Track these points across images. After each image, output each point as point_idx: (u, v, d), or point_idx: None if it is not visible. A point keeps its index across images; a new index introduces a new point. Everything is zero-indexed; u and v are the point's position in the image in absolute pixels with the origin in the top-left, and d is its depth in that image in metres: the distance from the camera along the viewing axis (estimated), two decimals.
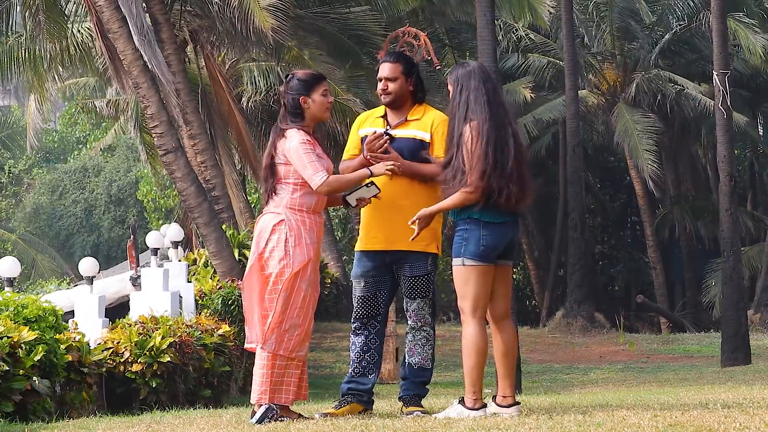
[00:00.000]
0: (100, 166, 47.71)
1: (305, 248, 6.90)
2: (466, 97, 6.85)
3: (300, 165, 6.88)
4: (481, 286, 6.81)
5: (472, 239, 6.79)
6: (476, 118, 6.79)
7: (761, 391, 9.64)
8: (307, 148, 6.88)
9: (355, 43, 22.86)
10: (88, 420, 8.24)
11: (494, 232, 6.81)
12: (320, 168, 6.86)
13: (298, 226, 6.91)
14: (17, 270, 13.90)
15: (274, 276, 6.86)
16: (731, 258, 19.88)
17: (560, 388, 16.87)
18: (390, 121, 7.33)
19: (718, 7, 20.03)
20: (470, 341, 6.81)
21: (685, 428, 5.85)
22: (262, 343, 6.86)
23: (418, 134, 7.25)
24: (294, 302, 6.88)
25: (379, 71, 7.37)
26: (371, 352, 7.32)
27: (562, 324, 27.72)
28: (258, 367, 6.89)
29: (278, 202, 6.97)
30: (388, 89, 7.29)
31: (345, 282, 28.76)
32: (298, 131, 6.94)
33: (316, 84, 7.04)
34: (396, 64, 7.32)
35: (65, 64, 23.39)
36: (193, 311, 16.00)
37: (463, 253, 6.80)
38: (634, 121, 31.09)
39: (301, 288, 6.90)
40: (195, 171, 18.44)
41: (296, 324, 6.89)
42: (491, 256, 6.81)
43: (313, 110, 7.02)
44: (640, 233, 37.10)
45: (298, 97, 6.99)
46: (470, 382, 6.81)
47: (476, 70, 6.93)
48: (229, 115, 23.33)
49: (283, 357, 6.87)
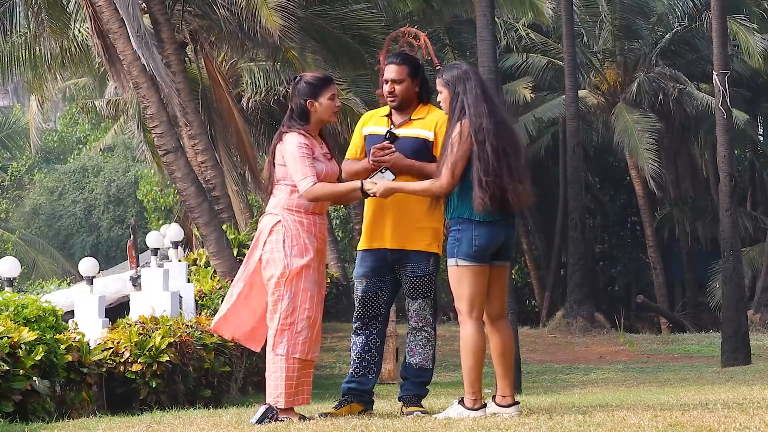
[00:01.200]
0: (100, 166, 47.70)
1: (303, 248, 6.87)
2: (462, 98, 6.85)
3: (292, 168, 6.87)
4: (475, 287, 6.81)
5: (465, 239, 6.79)
6: (470, 118, 6.80)
7: (761, 391, 9.64)
8: (302, 152, 6.85)
9: (357, 42, 22.85)
10: (88, 420, 8.24)
11: (487, 231, 6.79)
12: (309, 174, 6.82)
13: (295, 227, 6.89)
14: (17, 270, 13.91)
15: (275, 278, 6.85)
16: (731, 258, 19.89)
17: (560, 388, 16.87)
18: (394, 121, 7.31)
19: (718, 7, 20.04)
20: (468, 342, 6.82)
21: (685, 428, 5.85)
22: (273, 346, 6.84)
23: (421, 133, 7.23)
24: (302, 303, 6.85)
25: (385, 73, 7.31)
26: (372, 353, 7.31)
27: (562, 324, 27.72)
28: (272, 370, 6.84)
29: (276, 203, 6.96)
30: (395, 91, 7.25)
31: (345, 282, 28.76)
32: (297, 134, 6.92)
33: (324, 88, 6.99)
34: (402, 66, 7.27)
35: (65, 64, 23.39)
36: (193, 311, 16.00)
37: (456, 253, 6.81)
38: (634, 121, 31.08)
39: (306, 289, 6.87)
40: (195, 171, 18.44)
41: (307, 326, 6.87)
42: (484, 257, 6.81)
43: (319, 114, 6.99)
44: (640, 233, 37.09)
45: (305, 101, 6.96)
46: (469, 383, 6.82)
47: (470, 71, 6.94)
48: (229, 115, 23.32)
49: (299, 360, 6.85)
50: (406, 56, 7.42)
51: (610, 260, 38.53)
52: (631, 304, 35.55)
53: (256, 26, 19.51)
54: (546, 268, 35.89)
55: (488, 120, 6.78)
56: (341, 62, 23.06)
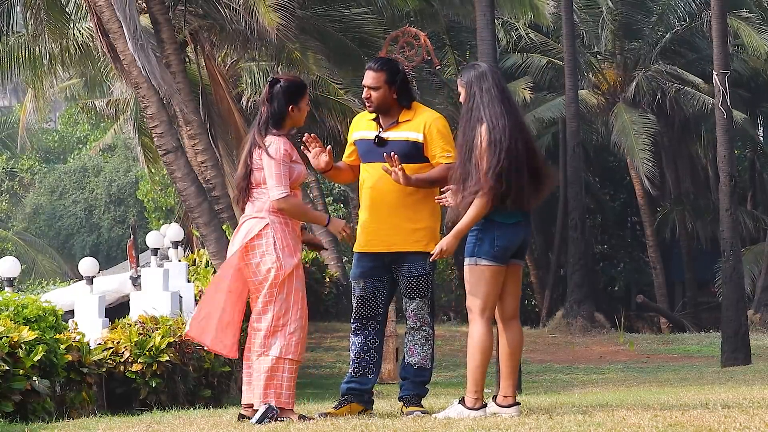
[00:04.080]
0: (100, 166, 47.69)
1: (292, 249, 6.92)
2: (479, 98, 6.84)
3: (268, 172, 6.88)
4: (492, 287, 6.80)
5: (487, 239, 6.78)
6: (490, 120, 6.78)
7: (761, 391, 9.64)
8: (283, 160, 6.88)
9: (356, 43, 22.85)
10: (88, 420, 8.23)
11: (508, 232, 6.80)
12: (284, 184, 6.85)
13: (282, 229, 6.92)
14: (17, 270, 13.91)
15: (270, 280, 6.85)
16: (731, 258, 19.88)
17: (560, 388, 16.87)
18: (382, 124, 7.28)
19: (718, 6, 20.04)
20: (476, 341, 6.79)
21: (685, 428, 5.85)
22: (266, 348, 6.84)
23: (410, 136, 7.20)
24: (295, 303, 6.89)
25: (364, 78, 7.29)
26: (371, 353, 7.31)
27: (562, 324, 27.72)
28: (262, 371, 6.83)
29: (260, 206, 6.95)
30: (371, 98, 7.23)
31: (345, 282, 28.75)
32: (278, 139, 6.93)
33: (302, 93, 7.03)
34: (380, 72, 7.20)
35: (65, 64, 23.38)
36: (193, 311, 15.98)
37: (477, 252, 6.79)
38: (632, 121, 31.10)
39: (298, 289, 6.91)
40: (195, 171, 18.44)
41: (299, 326, 6.89)
42: (505, 257, 6.81)
43: (295, 119, 7.02)
44: (640, 233, 37.09)
45: (287, 106, 6.97)
46: (473, 382, 6.80)
47: (488, 72, 6.91)
48: (229, 115, 23.31)
49: (292, 361, 6.85)
50: (385, 62, 7.32)
51: (610, 260, 38.53)
52: (631, 304, 35.54)
53: (253, 23, 19.49)
54: (546, 268, 35.88)
55: (505, 120, 6.76)
56: (341, 63, 23.06)
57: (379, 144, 7.21)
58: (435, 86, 27.37)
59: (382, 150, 7.16)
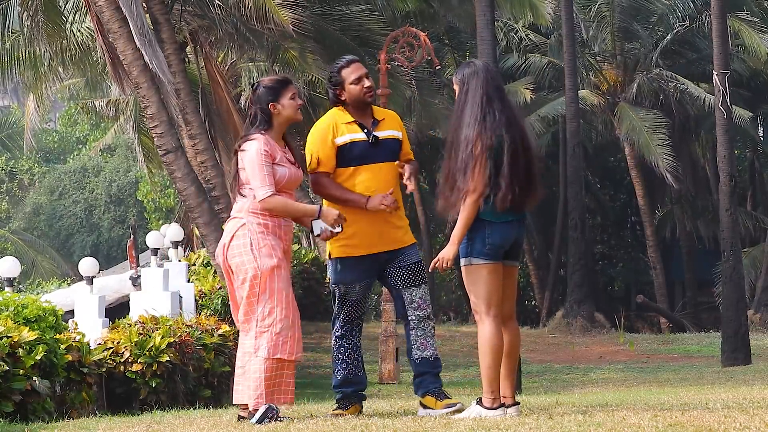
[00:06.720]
0: (100, 166, 47.70)
1: (271, 249, 6.90)
2: (473, 97, 6.82)
3: (251, 173, 6.90)
4: (491, 284, 6.77)
5: (478, 238, 6.77)
6: (479, 118, 6.76)
7: (761, 391, 9.64)
8: (262, 159, 6.88)
9: (356, 43, 22.84)
10: (88, 420, 8.24)
11: (499, 229, 6.78)
12: (268, 183, 6.86)
13: (259, 229, 6.91)
14: (17, 270, 13.92)
15: (248, 281, 6.88)
16: (731, 258, 19.89)
17: (560, 388, 16.86)
18: (365, 124, 7.27)
19: (718, 7, 20.04)
20: (486, 340, 6.76)
21: (685, 428, 5.85)
22: (254, 349, 6.86)
23: (395, 134, 7.34)
24: (279, 303, 6.88)
25: (358, 70, 7.29)
26: (359, 351, 7.43)
27: (562, 324, 27.73)
28: (252, 371, 6.88)
29: (240, 206, 6.98)
30: (371, 86, 7.31)
31: None
32: (257, 141, 6.94)
33: (284, 89, 7.04)
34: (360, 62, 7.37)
35: (65, 64, 23.37)
36: (193, 311, 16.01)
37: (470, 252, 6.78)
38: (641, 119, 31.05)
39: (281, 289, 6.89)
40: (195, 171, 18.44)
41: (288, 325, 6.88)
42: (498, 254, 6.79)
43: (284, 114, 7.03)
44: (640, 233, 37.09)
45: (267, 105, 7.00)
46: (488, 382, 6.75)
47: (481, 70, 6.89)
48: (229, 116, 23.33)
49: (279, 360, 6.85)
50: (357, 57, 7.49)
51: (610, 260, 38.54)
52: (631, 304, 35.54)
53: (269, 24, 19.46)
54: (546, 268, 35.90)
55: (495, 119, 6.74)
56: None
57: (374, 144, 7.23)
58: (435, 86, 27.36)
59: (376, 150, 7.20)
